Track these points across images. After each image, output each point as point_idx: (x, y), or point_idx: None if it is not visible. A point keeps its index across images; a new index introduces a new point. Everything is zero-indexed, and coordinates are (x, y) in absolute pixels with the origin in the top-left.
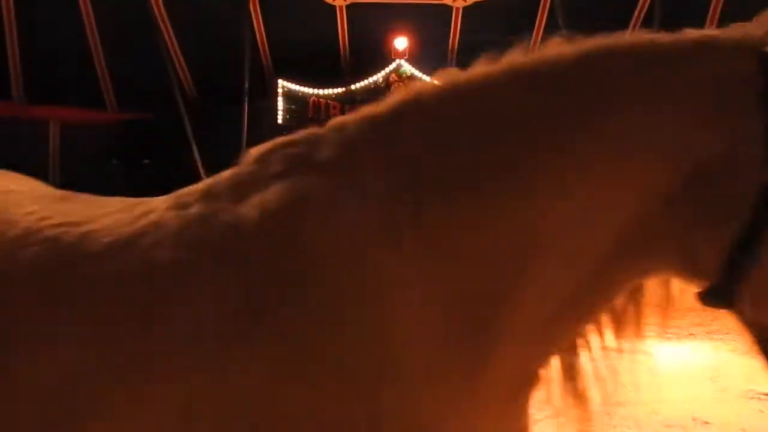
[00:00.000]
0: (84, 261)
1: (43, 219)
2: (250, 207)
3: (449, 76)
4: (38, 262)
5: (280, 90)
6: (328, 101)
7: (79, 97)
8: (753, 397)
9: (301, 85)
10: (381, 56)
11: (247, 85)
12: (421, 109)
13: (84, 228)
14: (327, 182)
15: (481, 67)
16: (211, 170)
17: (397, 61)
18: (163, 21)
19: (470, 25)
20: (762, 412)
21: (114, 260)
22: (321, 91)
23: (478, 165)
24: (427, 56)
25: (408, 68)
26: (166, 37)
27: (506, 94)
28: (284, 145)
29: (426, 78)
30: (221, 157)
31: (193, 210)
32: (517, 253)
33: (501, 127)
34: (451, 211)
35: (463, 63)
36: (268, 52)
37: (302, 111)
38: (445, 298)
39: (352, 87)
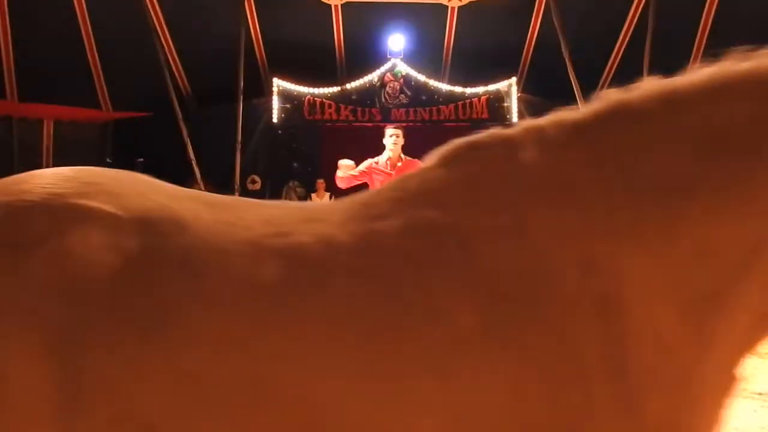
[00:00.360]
0: (327, 280)
1: (247, 229)
2: (471, 214)
3: (651, 84)
4: (287, 277)
5: (275, 89)
6: (324, 100)
7: (73, 96)
8: (747, 396)
9: (296, 84)
10: (376, 56)
11: (241, 84)
12: (632, 117)
13: (297, 238)
14: (541, 186)
15: (686, 77)
16: (206, 169)
17: (393, 60)
18: (158, 19)
19: (466, 25)
20: (755, 411)
21: (345, 279)
22: (316, 90)
23: (699, 174)
24: (422, 56)
25: (403, 68)
26: (161, 35)
27: (722, 104)
28: (472, 147)
29: (421, 78)
30: (215, 156)
31: (394, 220)
32: (742, 256)
33: (721, 137)
34: (673, 216)
35: (458, 63)
36: (263, 51)
37: (297, 110)
38: (677, 300)
39: (348, 86)
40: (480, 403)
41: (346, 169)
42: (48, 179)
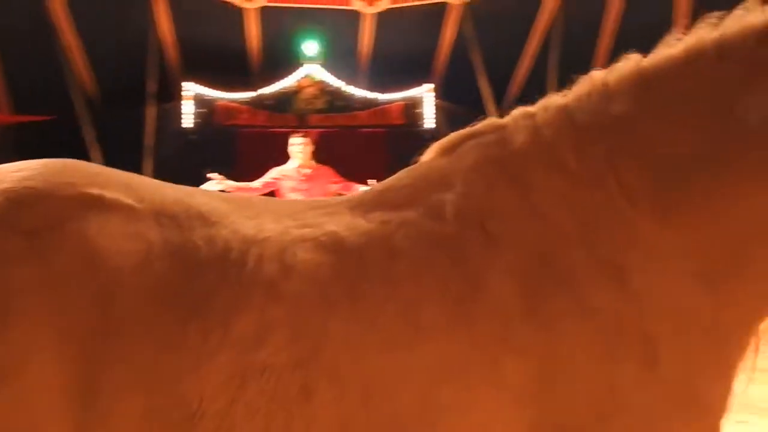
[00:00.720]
0: (363, 262)
1: (273, 222)
2: (471, 198)
3: (628, 63)
4: (322, 273)
5: (186, 93)
6: (238, 105)
7: None
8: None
9: (210, 88)
10: (292, 61)
11: (152, 88)
12: (609, 96)
13: (326, 228)
14: (534, 167)
15: (659, 53)
16: None
17: (309, 65)
18: (62, 18)
19: (383, 32)
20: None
21: (390, 261)
22: (230, 95)
23: (697, 146)
24: (338, 62)
25: (319, 73)
26: (66, 35)
27: (693, 77)
28: (470, 136)
29: (337, 83)
30: (123, 162)
31: (415, 206)
32: (757, 225)
33: (701, 107)
34: (689, 188)
35: (375, 69)
36: (175, 54)
37: (210, 115)
38: (695, 270)
39: (262, 92)
40: (558, 368)
41: (225, 184)
42: (44, 168)
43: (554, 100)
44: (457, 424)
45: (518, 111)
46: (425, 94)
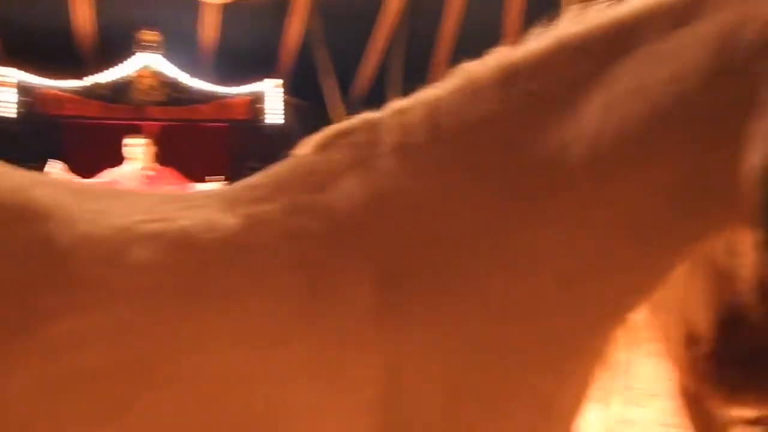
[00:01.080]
0: (209, 261)
1: (120, 216)
2: (337, 198)
3: (497, 55)
4: (170, 264)
5: (7, 80)
6: (67, 94)
7: None
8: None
9: (34, 75)
10: (129, 49)
11: None
12: (476, 91)
13: (177, 224)
14: (399, 171)
15: (528, 44)
16: None
17: (147, 54)
18: None
19: (228, 23)
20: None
21: (240, 258)
22: (58, 83)
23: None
24: (180, 52)
25: (158, 63)
26: None
27: (555, 70)
28: (344, 134)
29: (177, 74)
30: None
31: (279, 202)
32: (611, 230)
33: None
34: (540, 190)
35: (220, 62)
36: None
37: (35, 104)
38: (554, 269)
39: (95, 80)
40: (409, 368)
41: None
42: None
43: (426, 95)
44: (304, 428)
45: (392, 107)
46: (272, 89)
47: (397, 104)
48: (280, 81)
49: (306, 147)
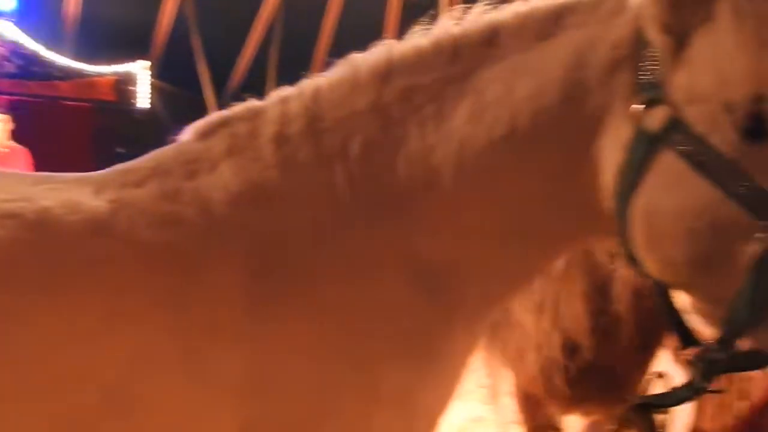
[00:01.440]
0: (68, 242)
1: None
2: (211, 187)
3: (381, 50)
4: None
5: None
6: None
7: None
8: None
9: None
10: None
11: None
12: (356, 90)
13: (38, 204)
14: (273, 160)
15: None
16: None
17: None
18: None
19: None
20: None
21: (102, 241)
22: None
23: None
24: (39, 22)
25: (12, 32)
26: None
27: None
28: (226, 122)
29: (34, 46)
30: None
31: (151, 188)
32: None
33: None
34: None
35: (85, 37)
36: None
37: None
38: (409, 270)
39: None
40: (268, 364)
41: None
42: None
43: (308, 86)
44: (149, 419)
45: (275, 95)
46: (140, 71)
47: (280, 93)
48: (149, 63)
49: (187, 134)
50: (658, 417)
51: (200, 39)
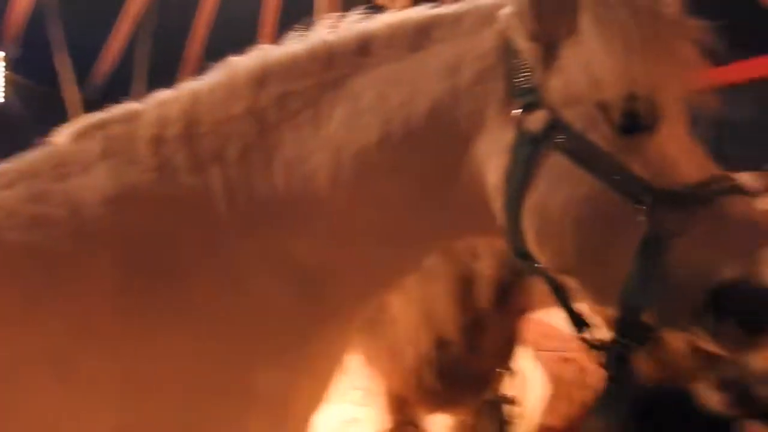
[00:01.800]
0: None
1: None
2: (83, 189)
3: (258, 54)
4: None
5: None
6: None
7: None
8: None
9: None
10: None
11: None
12: (233, 93)
13: None
14: (149, 163)
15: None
16: None
17: None
18: None
19: None
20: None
21: None
22: None
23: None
24: None
25: None
26: None
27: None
28: (102, 124)
29: None
30: None
31: (19, 189)
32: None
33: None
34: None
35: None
36: None
37: None
38: (292, 277)
39: None
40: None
41: None
42: None
43: (187, 88)
44: (15, 421)
45: (153, 97)
46: None
47: (159, 95)
48: (3, 54)
49: (61, 135)
50: (514, 410)
51: (61, 29)
